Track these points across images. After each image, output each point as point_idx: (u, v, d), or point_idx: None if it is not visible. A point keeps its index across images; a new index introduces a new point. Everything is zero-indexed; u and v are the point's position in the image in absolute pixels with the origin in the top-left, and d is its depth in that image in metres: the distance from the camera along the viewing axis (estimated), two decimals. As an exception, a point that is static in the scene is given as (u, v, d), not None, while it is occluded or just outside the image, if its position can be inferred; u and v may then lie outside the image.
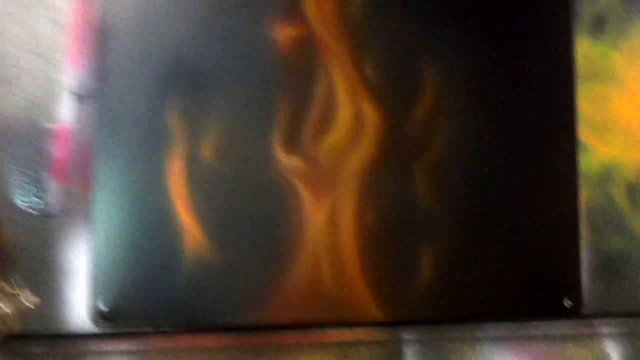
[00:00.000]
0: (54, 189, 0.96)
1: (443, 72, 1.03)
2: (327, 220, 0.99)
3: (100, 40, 0.97)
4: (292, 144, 0.99)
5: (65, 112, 0.96)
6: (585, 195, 1.05)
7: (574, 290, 1.04)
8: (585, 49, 1.07)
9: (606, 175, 1.07)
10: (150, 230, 0.96)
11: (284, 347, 1.01)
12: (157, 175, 0.96)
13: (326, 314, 0.99)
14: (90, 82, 0.97)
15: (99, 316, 0.95)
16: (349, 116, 1.00)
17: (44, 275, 0.95)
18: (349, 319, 1.00)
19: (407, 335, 1.04)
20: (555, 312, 1.04)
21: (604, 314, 1.06)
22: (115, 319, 0.95)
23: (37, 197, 0.96)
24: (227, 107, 0.98)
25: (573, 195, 1.05)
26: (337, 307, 0.99)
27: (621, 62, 1.08)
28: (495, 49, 1.05)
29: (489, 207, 1.03)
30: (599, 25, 1.08)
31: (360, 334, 1.02)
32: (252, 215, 0.98)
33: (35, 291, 0.93)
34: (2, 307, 0.89)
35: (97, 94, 0.96)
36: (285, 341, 1.01)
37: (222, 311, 0.97)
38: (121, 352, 0.98)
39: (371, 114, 1.01)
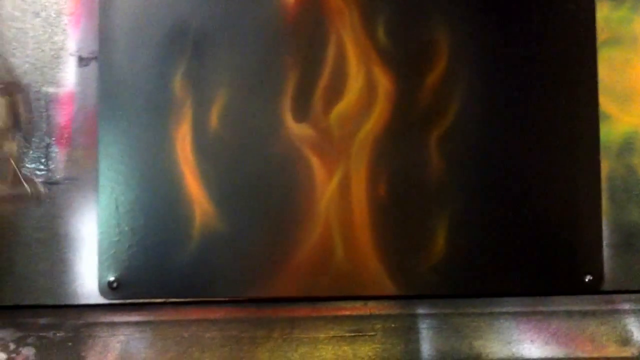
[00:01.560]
0: (58, 155, 0.95)
1: (458, 36, 1.00)
2: (339, 190, 0.98)
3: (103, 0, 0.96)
4: (302, 111, 0.98)
5: (68, 76, 0.95)
6: (606, 167, 1.02)
7: (595, 265, 1.01)
8: (605, 13, 1.03)
9: (628, 145, 1.03)
10: (158, 198, 0.95)
11: (295, 320, 1.00)
12: (164, 142, 0.96)
13: (338, 286, 0.98)
14: (93, 43, 0.96)
15: (107, 287, 0.94)
16: (360, 82, 0.98)
17: (50, 245, 0.95)
18: (361, 292, 0.99)
19: (421, 309, 1.02)
20: (576, 288, 1.02)
21: (626, 290, 1.03)
22: (124, 289, 0.95)
23: (41, 163, 0.95)
24: (233, 71, 0.97)
25: (594, 167, 1.02)
26: (349, 279, 0.98)
27: (643, 26, 1.04)
28: (513, 12, 1.02)
29: (505, 179, 1.01)
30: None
31: (373, 307, 1.01)
32: (262, 185, 0.97)
33: (42, 261, 0.93)
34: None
35: (100, 57, 0.95)
36: (296, 314, 1.00)
37: (231, 283, 0.96)
38: (130, 324, 0.97)
39: (383, 80, 0.99)
